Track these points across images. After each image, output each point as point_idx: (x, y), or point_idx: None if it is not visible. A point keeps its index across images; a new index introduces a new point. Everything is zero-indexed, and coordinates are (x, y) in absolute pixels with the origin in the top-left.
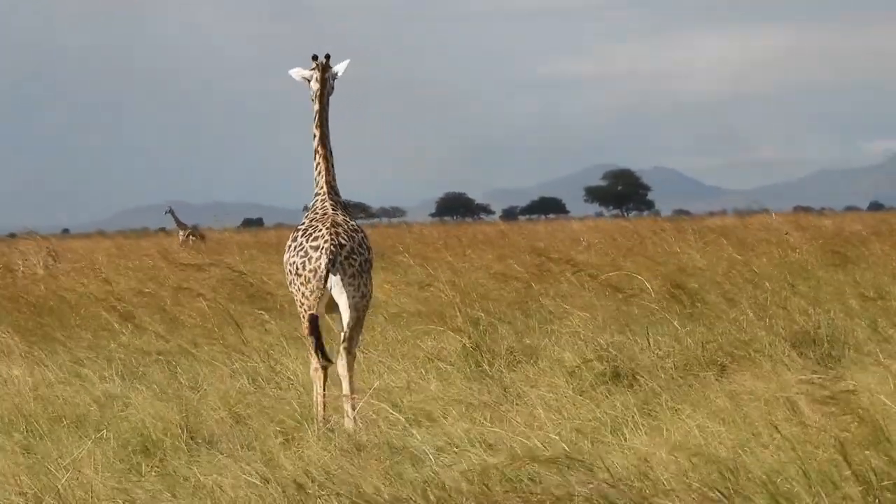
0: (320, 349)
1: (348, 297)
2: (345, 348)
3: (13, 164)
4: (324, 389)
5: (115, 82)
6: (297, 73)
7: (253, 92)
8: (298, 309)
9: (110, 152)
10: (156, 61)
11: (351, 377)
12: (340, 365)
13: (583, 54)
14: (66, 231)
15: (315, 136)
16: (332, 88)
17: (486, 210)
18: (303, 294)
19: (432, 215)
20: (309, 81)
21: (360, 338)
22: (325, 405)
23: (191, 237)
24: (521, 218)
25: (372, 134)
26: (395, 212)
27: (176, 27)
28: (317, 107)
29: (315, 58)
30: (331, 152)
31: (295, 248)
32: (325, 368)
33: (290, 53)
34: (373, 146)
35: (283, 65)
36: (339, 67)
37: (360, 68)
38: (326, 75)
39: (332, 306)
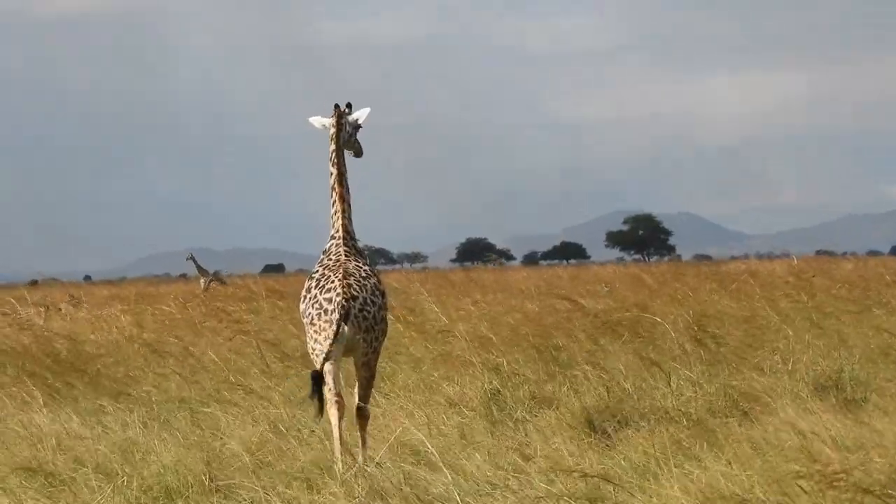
0: (321, 402)
1: (361, 353)
2: (360, 405)
3: (35, 210)
4: (339, 423)
5: (137, 129)
6: (317, 120)
7: (273, 138)
8: (311, 355)
9: (133, 199)
10: (177, 108)
11: (364, 433)
12: (356, 420)
13: (604, 98)
14: (87, 277)
15: (332, 174)
16: (350, 132)
17: (507, 255)
18: (315, 340)
19: (453, 260)
20: (328, 128)
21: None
22: (341, 439)
23: (212, 283)
24: (542, 263)
25: (392, 179)
26: (415, 257)
27: (194, 74)
28: (332, 146)
29: (337, 107)
30: (348, 193)
31: (309, 299)
32: (339, 403)
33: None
34: (393, 191)
35: (301, 111)
36: (359, 114)
37: (379, 114)
38: (343, 120)
39: (346, 355)
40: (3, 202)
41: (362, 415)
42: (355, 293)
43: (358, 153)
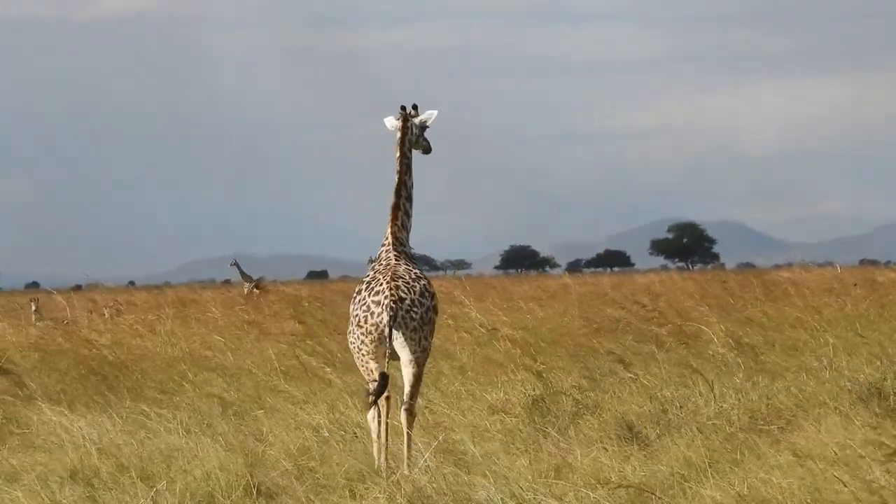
0: (377, 396)
1: (409, 352)
2: (408, 404)
3: (80, 215)
4: (384, 437)
5: (183, 134)
6: (389, 121)
7: (319, 144)
8: (355, 356)
9: (178, 204)
10: (222, 113)
11: (410, 431)
12: (403, 418)
13: (647, 107)
14: (131, 283)
15: (394, 182)
16: (417, 134)
17: (550, 263)
18: (362, 342)
19: (497, 268)
20: (396, 131)
21: (422, 387)
22: (384, 450)
23: (255, 289)
24: (586, 271)
25: (437, 187)
26: (459, 264)
27: (239, 77)
28: (396, 153)
29: (403, 108)
30: (408, 201)
31: (359, 301)
32: (383, 405)
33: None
34: (438, 199)
35: (343, 118)
36: (426, 116)
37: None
38: (408, 123)
39: (394, 356)
40: (49, 207)
41: (409, 414)
42: (403, 295)
43: (426, 151)
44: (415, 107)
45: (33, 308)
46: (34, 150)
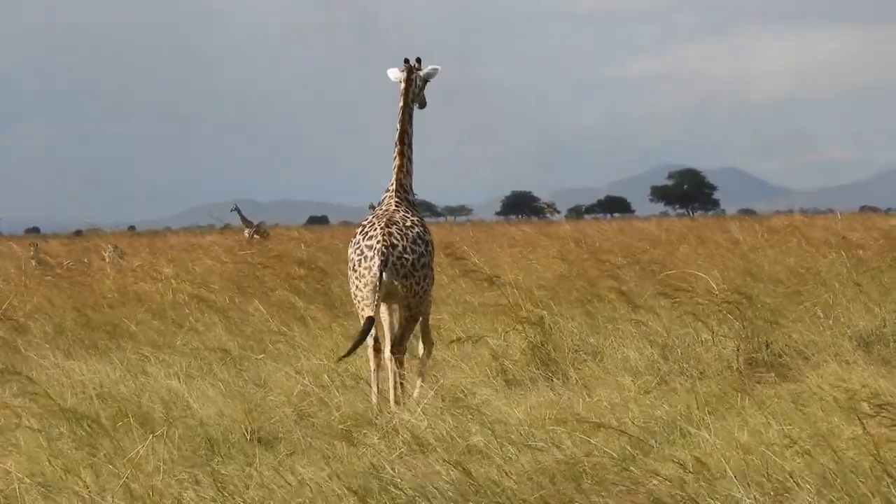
0: (355, 346)
1: (401, 299)
2: (394, 348)
3: (81, 161)
4: (377, 369)
5: (185, 82)
6: (393, 73)
7: (322, 93)
8: (354, 301)
9: (180, 150)
10: (227, 62)
11: (400, 371)
12: (386, 359)
13: (650, 55)
14: (132, 228)
15: (397, 130)
16: (420, 89)
17: (551, 209)
18: (357, 287)
19: (498, 213)
20: (400, 83)
21: (428, 336)
22: (375, 395)
23: (255, 235)
24: (587, 217)
25: (440, 133)
26: (460, 210)
27: (247, 30)
28: (400, 104)
29: (406, 61)
30: (410, 149)
31: (354, 244)
32: (376, 350)
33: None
34: (440, 145)
35: (351, 69)
36: (429, 70)
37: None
38: (413, 76)
39: (389, 301)
40: (50, 153)
41: (395, 357)
42: (395, 241)
43: (422, 105)
44: (418, 60)
45: (32, 252)
46: (37, 97)
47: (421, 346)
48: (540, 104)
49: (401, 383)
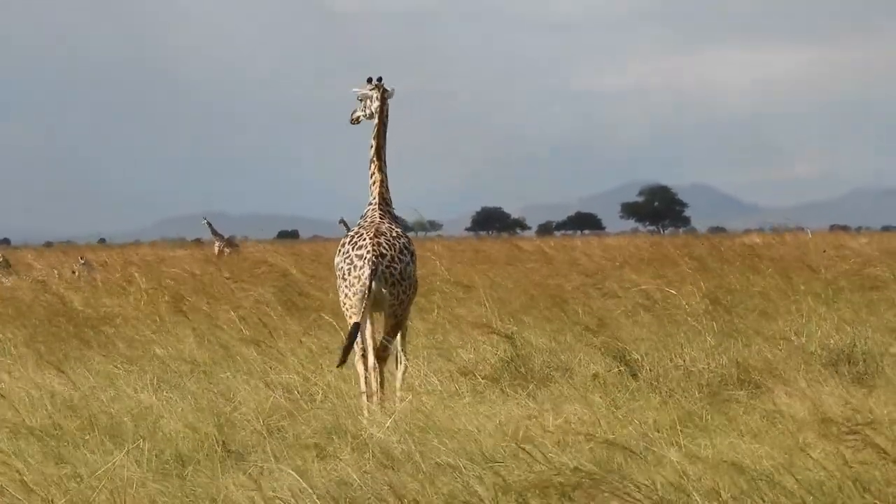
0: (345, 353)
1: (388, 305)
2: (383, 351)
3: (51, 171)
4: (365, 376)
5: (155, 92)
6: (359, 90)
7: (291, 103)
8: (342, 308)
9: (150, 162)
10: (195, 71)
11: (382, 379)
12: (372, 365)
13: (619, 68)
14: (102, 240)
15: (372, 146)
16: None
17: (521, 225)
18: (346, 295)
19: (468, 229)
20: (368, 101)
21: (406, 344)
22: (368, 392)
23: (226, 248)
24: (557, 233)
25: (407, 146)
26: (430, 225)
27: (212, 35)
28: (376, 121)
29: (370, 80)
30: (385, 164)
31: (343, 254)
32: (364, 358)
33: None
34: (408, 159)
35: (314, 76)
36: (391, 90)
37: (393, 80)
38: (386, 95)
39: (377, 310)
40: (18, 163)
41: (381, 360)
42: (384, 251)
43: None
44: (380, 79)
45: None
46: (5, 102)
47: (400, 356)
48: (508, 116)
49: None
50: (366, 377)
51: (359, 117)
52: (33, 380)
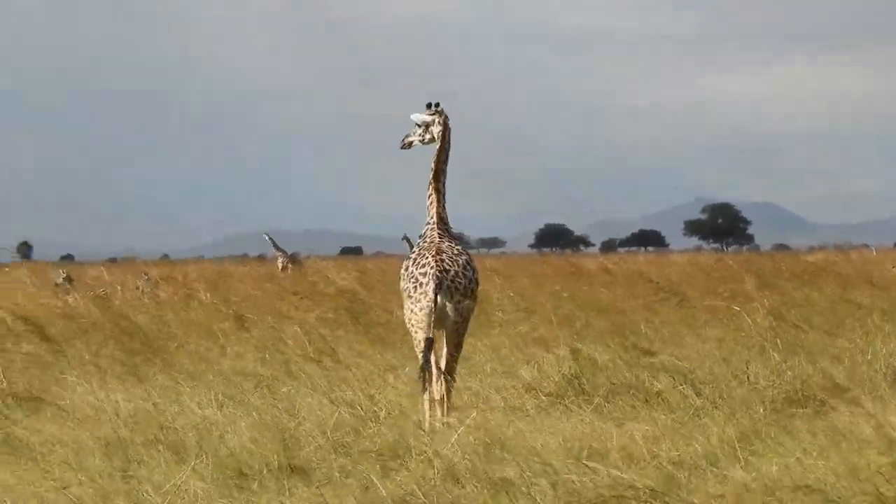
0: (425, 368)
1: (452, 321)
2: (444, 368)
3: (116, 189)
4: (427, 391)
5: (220, 110)
6: (418, 117)
7: (354, 121)
8: (409, 328)
9: (214, 179)
10: (257, 90)
11: (449, 397)
12: (437, 385)
13: (684, 85)
14: (165, 256)
15: (432, 169)
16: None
17: (585, 242)
18: (412, 312)
19: (531, 246)
20: (428, 126)
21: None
22: (427, 416)
23: (289, 264)
24: (620, 250)
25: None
26: (493, 242)
27: (271, 53)
28: (438, 145)
29: (429, 105)
30: (444, 186)
31: (407, 275)
32: (428, 373)
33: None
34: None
35: (355, 96)
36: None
37: (454, 96)
38: (448, 121)
39: (439, 325)
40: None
41: (449, 377)
42: (447, 267)
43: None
44: (437, 104)
45: (61, 279)
46: (73, 119)
47: (442, 377)
48: (571, 134)
49: (445, 405)
50: (428, 392)
51: (412, 142)
52: (98, 395)
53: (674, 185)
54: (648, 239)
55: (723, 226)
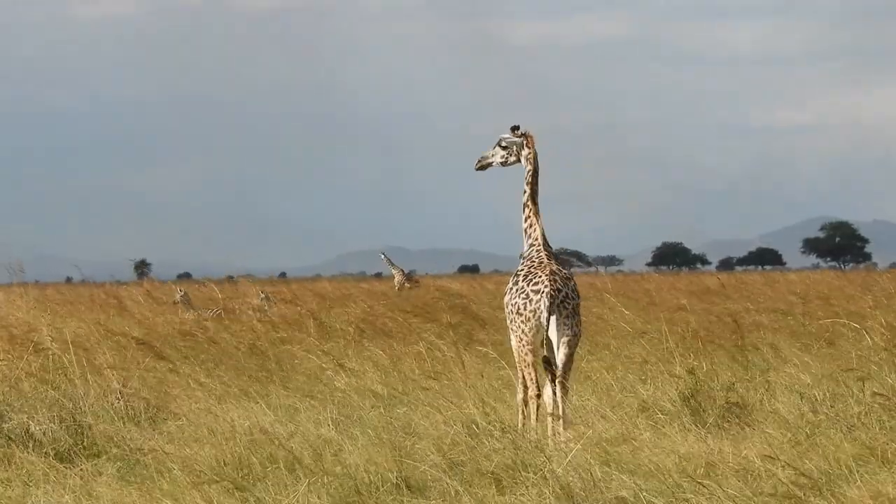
0: (552, 374)
1: (563, 336)
2: (560, 383)
3: (232, 208)
4: (535, 417)
5: (334, 128)
6: (507, 138)
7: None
8: (516, 344)
9: (330, 197)
10: (376, 105)
11: (564, 407)
12: (550, 397)
13: (801, 104)
14: (283, 275)
15: (526, 191)
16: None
17: (702, 260)
18: (522, 331)
19: (648, 264)
20: (513, 147)
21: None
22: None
23: (406, 283)
24: (738, 269)
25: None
26: (611, 260)
27: (391, 70)
28: (530, 168)
29: (514, 128)
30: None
31: (517, 291)
32: (538, 397)
33: (496, 97)
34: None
35: (488, 110)
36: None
37: (574, 113)
38: (534, 144)
39: (545, 344)
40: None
41: (563, 387)
42: (560, 287)
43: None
44: (517, 127)
45: (177, 298)
46: (189, 141)
47: (559, 394)
48: (687, 152)
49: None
50: (527, 410)
51: (490, 164)
52: (214, 414)
53: (789, 204)
54: (766, 257)
55: (841, 244)
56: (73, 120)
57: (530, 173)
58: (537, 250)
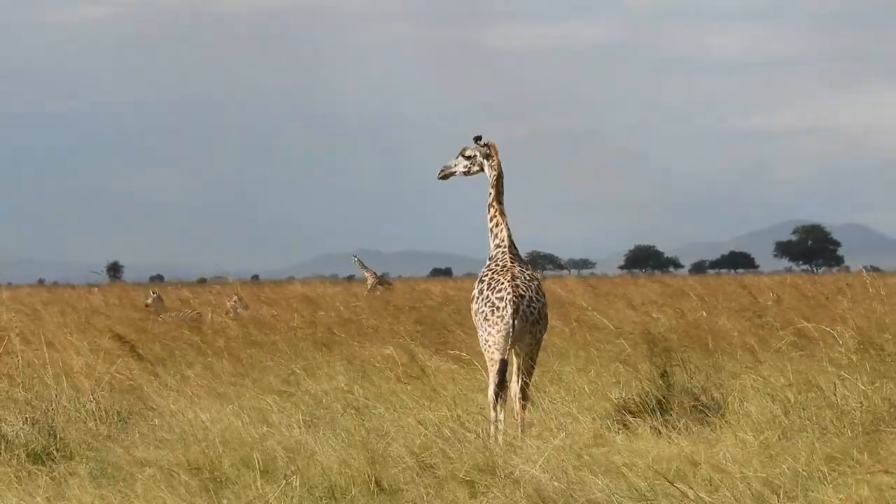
0: (500, 387)
1: (526, 343)
2: (521, 388)
3: (203, 209)
4: (499, 412)
5: (306, 129)
6: (473, 149)
7: (438, 139)
8: (483, 349)
9: (303, 200)
10: (347, 107)
11: (524, 414)
12: (516, 394)
13: (776, 109)
14: (255, 277)
15: (491, 193)
16: None
17: (675, 263)
18: (489, 334)
19: (621, 268)
20: (478, 158)
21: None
22: (499, 432)
23: (379, 285)
24: (710, 272)
25: (560, 185)
26: (583, 264)
27: (365, 74)
28: (495, 173)
29: (477, 139)
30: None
31: (482, 299)
32: (497, 396)
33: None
34: (561, 197)
35: (467, 114)
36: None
37: (550, 118)
38: (497, 152)
39: (510, 350)
40: (173, 201)
41: (524, 397)
42: (522, 292)
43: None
44: (479, 137)
45: (150, 301)
46: (165, 147)
47: (518, 397)
48: (662, 156)
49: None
50: (496, 414)
51: (453, 173)
52: (187, 415)
53: (765, 207)
54: (739, 261)
55: (813, 248)
56: (53, 123)
57: (495, 177)
58: (503, 252)
